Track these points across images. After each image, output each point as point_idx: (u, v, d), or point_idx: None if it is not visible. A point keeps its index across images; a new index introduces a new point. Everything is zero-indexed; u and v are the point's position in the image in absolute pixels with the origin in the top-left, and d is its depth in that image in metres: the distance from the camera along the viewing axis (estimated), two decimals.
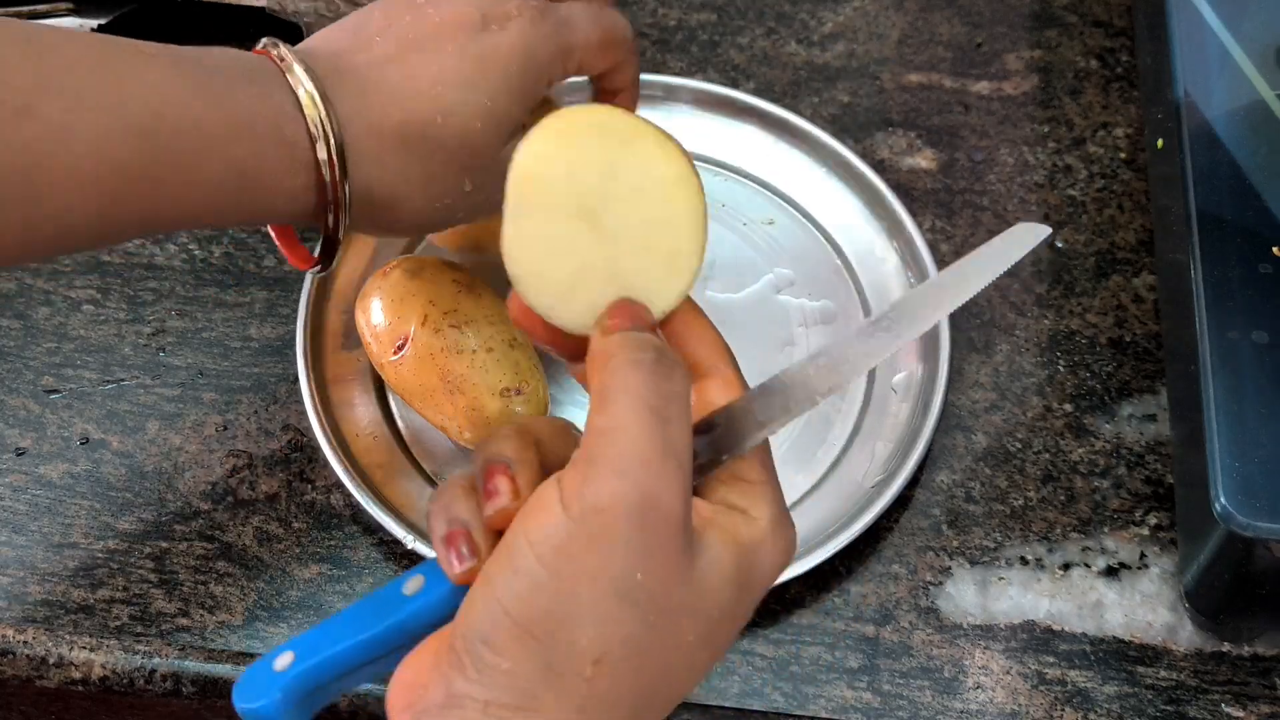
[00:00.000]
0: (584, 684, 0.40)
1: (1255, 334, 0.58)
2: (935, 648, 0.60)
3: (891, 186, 0.71)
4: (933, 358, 0.66)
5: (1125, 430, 0.65)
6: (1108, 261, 0.70)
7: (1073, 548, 0.62)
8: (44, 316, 0.68)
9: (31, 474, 0.64)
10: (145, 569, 0.62)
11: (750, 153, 0.73)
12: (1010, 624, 0.61)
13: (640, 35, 0.78)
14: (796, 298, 0.69)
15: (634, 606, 0.40)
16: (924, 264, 0.68)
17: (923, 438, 0.63)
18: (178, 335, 0.68)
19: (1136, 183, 0.73)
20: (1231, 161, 0.63)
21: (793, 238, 0.71)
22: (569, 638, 0.39)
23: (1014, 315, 0.69)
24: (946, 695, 0.59)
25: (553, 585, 0.39)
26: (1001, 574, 0.62)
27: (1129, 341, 0.68)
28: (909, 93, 0.76)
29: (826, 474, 0.64)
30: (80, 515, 0.63)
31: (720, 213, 0.72)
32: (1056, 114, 0.75)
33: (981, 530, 0.63)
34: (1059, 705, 0.59)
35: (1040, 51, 0.78)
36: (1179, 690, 0.59)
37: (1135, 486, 0.64)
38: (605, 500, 0.40)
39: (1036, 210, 0.72)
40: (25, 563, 0.62)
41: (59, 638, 0.60)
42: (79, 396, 0.66)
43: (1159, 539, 0.63)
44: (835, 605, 0.61)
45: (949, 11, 0.80)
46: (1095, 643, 0.60)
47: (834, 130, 0.74)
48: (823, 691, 0.59)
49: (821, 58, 0.78)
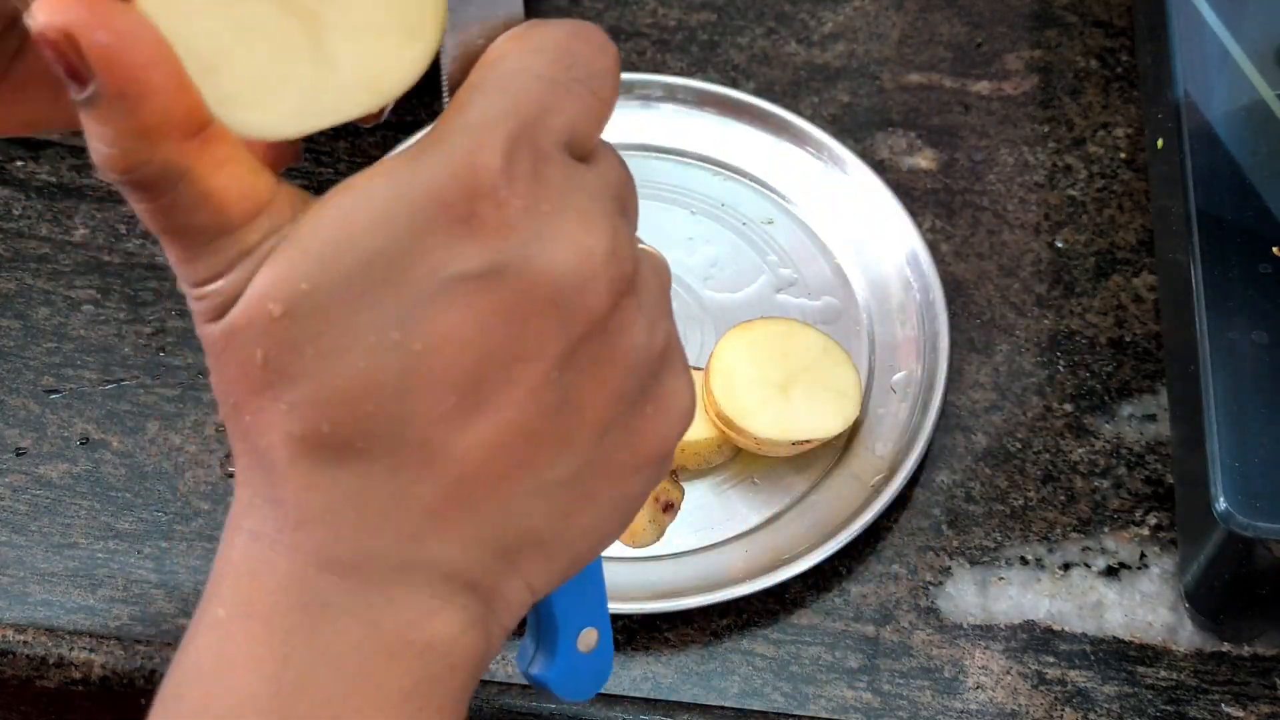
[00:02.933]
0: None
1: (1255, 334, 0.58)
2: (935, 648, 0.60)
3: (891, 186, 0.71)
4: (932, 357, 0.66)
5: (1125, 430, 0.65)
6: (1108, 261, 0.70)
7: (1073, 548, 0.62)
8: (44, 316, 0.68)
9: (31, 474, 0.64)
10: (145, 569, 0.62)
11: (750, 153, 0.73)
12: (1010, 624, 0.61)
13: (640, 35, 0.78)
14: (796, 298, 0.69)
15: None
16: (924, 264, 0.68)
17: (922, 437, 0.63)
18: (178, 335, 0.68)
19: (1136, 183, 0.73)
20: (1231, 161, 0.63)
21: (793, 238, 0.71)
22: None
23: (1014, 315, 0.69)
24: (946, 695, 0.59)
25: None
26: (1001, 574, 0.62)
27: (1129, 341, 0.68)
28: (909, 93, 0.76)
29: (826, 474, 0.64)
30: (80, 515, 0.63)
31: (720, 213, 0.72)
32: (1056, 114, 0.75)
33: (981, 530, 0.63)
34: (1059, 705, 0.59)
35: (1040, 51, 0.78)
36: (1179, 690, 0.59)
37: (1135, 486, 0.64)
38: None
39: (1036, 210, 0.72)
40: (25, 563, 0.62)
41: (59, 638, 0.60)
42: (79, 396, 0.66)
43: (1159, 539, 0.63)
44: (835, 605, 0.61)
45: (949, 11, 0.79)
46: (1095, 643, 0.60)
47: (834, 130, 0.74)
48: (823, 691, 0.59)
49: (821, 58, 0.78)
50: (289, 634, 0.35)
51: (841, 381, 0.63)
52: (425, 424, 0.35)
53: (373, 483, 0.35)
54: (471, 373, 0.35)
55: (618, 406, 0.37)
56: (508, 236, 0.34)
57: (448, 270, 0.34)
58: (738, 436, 0.62)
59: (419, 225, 0.34)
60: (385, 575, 0.35)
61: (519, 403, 0.35)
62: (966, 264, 0.70)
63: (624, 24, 0.78)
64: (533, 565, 0.38)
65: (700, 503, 0.63)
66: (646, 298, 0.38)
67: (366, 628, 0.35)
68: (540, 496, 0.37)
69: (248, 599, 0.35)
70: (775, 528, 0.62)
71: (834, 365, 0.64)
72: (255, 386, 0.35)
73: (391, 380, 0.34)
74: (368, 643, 0.35)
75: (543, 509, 0.37)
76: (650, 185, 0.72)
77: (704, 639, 0.60)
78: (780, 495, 0.63)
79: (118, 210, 0.71)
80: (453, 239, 0.34)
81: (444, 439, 0.35)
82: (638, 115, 0.74)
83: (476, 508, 0.36)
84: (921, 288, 0.68)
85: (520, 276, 0.35)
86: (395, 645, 0.36)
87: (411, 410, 0.34)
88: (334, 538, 0.35)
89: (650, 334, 0.38)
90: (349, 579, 0.35)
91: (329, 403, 0.34)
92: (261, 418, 0.35)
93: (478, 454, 0.35)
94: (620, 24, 0.78)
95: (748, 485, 0.64)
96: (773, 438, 0.62)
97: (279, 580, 0.35)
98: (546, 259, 0.35)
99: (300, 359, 0.34)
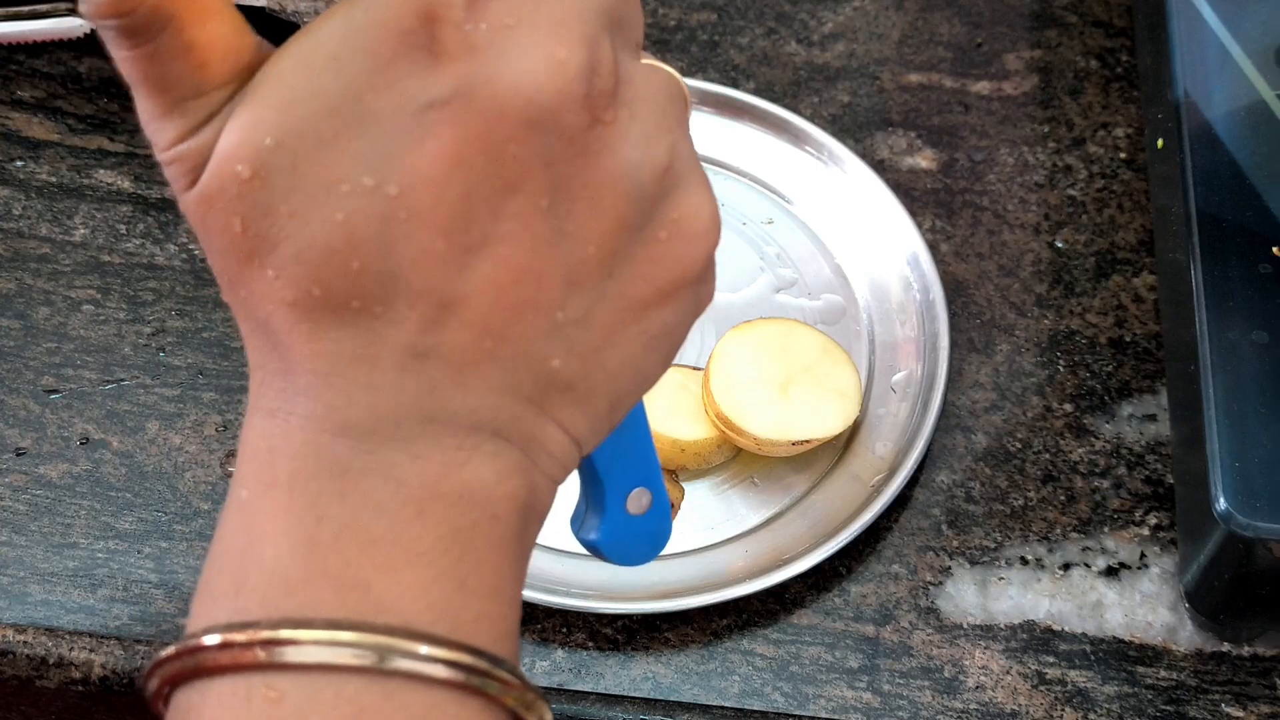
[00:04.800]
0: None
1: (1255, 334, 0.58)
2: (935, 648, 0.60)
3: (891, 186, 0.71)
4: (932, 357, 0.66)
5: (1125, 430, 0.65)
6: (1108, 261, 0.70)
7: (1073, 548, 0.62)
8: (44, 316, 0.68)
9: (31, 474, 0.64)
10: (145, 569, 0.62)
11: (750, 153, 0.73)
12: (1010, 624, 0.61)
13: None
14: (796, 298, 0.69)
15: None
16: (924, 264, 0.68)
17: (922, 437, 0.63)
18: (178, 335, 0.68)
19: (1136, 183, 0.73)
20: (1231, 161, 0.63)
21: (793, 238, 0.71)
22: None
23: (1014, 315, 0.69)
24: (946, 695, 0.59)
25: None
26: (1001, 574, 0.62)
27: (1129, 341, 0.68)
28: (909, 93, 0.76)
29: (826, 474, 0.64)
30: (80, 515, 0.63)
31: (720, 212, 0.71)
32: (1056, 114, 0.75)
33: (981, 530, 0.63)
34: (1059, 705, 0.59)
35: (1040, 51, 0.78)
36: (1179, 690, 0.59)
37: (1135, 486, 0.64)
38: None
39: (1036, 210, 0.72)
40: (25, 563, 0.62)
41: (59, 638, 0.60)
42: (79, 396, 0.66)
43: (1159, 539, 0.63)
44: (835, 605, 0.61)
45: (949, 11, 0.80)
46: (1095, 643, 0.60)
47: (834, 130, 0.74)
48: (823, 691, 0.59)
49: (821, 58, 0.78)
50: (313, 500, 0.34)
51: (841, 381, 0.63)
52: (417, 273, 0.33)
53: (376, 339, 0.33)
54: (456, 211, 0.33)
55: (623, 234, 0.35)
56: (472, 57, 0.33)
57: (415, 101, 0.32)
58: (738, 436, 0.62)
59: (379, 57, 0.32)
60: (405, 432, 0.34)
61: (512, 237, 0.33)
62: (966, 264, 0.70)
63: None
64: (565, 411, 0.36)
65: (700, 503, 0.63)
66: (643, 111, 0.35)
67: (393, 485, 0.34)
68: (556, 338, 0.35)
69: (269, 474, 0.34)
70: (775, 528, 0.63)
71: (834, 365, 0.64)
72: (241, 256, 0.33)
73: (373, 230, 0.33)
74: (394, 501, 0.34)
75: (561, 350, 0.35)
76: None
77: (704, 639, 0.60)
78: (780, 495, 0.63)
79: (118, 210, 0.71)
80: (416, 67, 0.32)
81: (440, 285, 0.33)
82: None
83: (491, 354, 0.34)
84: (921, 288, 0.68)
85: (490, 99, 0.33)
86: (424, 500, 0.34)
87: (400, 260, 0.33)
88: (346, 400, 0.34)
89: (647, 151, 0.35)
90: (367, 440, 0.34)
91: (313, 263, 0.33)
92: (254, 289, 0.34)
93: (479, 298, 0.34)
94: None
95: (748, 485, 0.64)
96: (773, 438, 0.62)
97: (296, 450, 0.34)
98: (514, 76, 0.33)
99: (276, 220, 0.33)
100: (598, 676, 0.59)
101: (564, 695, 0.58)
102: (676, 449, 0.63)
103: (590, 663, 0.59)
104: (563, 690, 0.59)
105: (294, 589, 0.33)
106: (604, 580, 0.60)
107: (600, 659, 0.59)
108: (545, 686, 0.59)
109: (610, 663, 0.59)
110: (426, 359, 0.34)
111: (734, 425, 0.62)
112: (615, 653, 0.60)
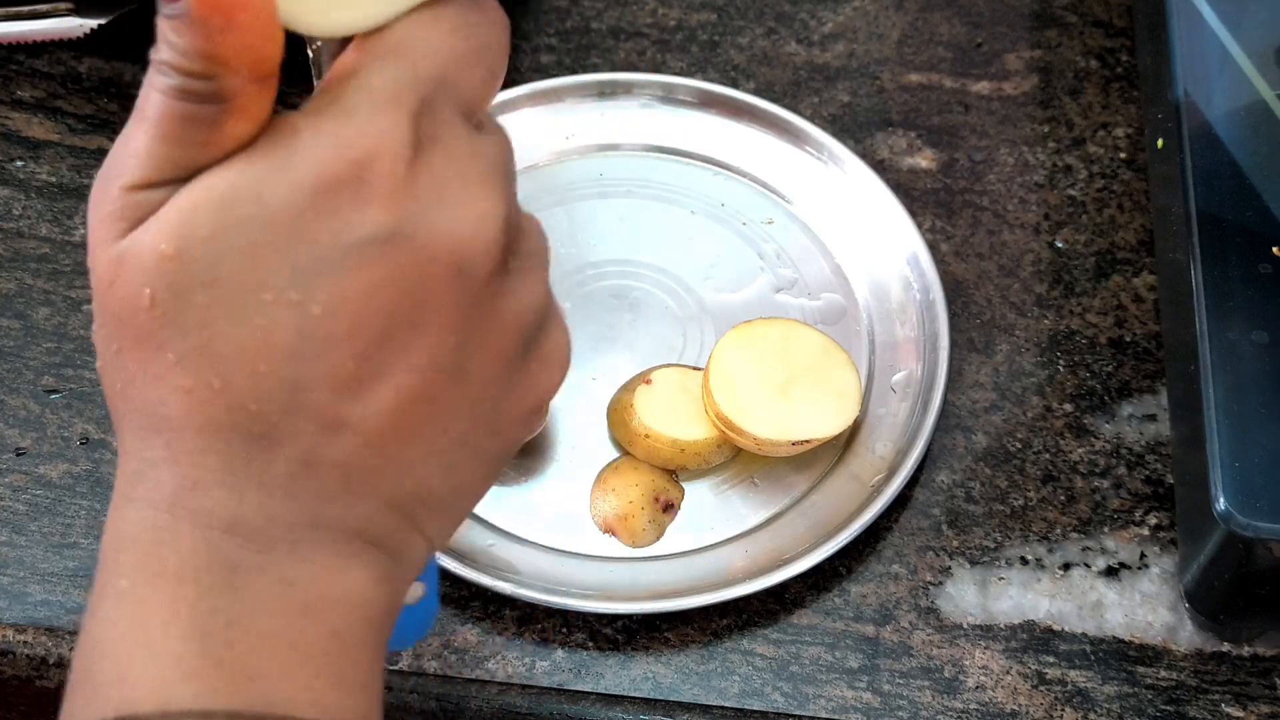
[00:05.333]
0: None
1: (1255, 334, 0.58)
2: (935, 648, 0.60)
3: (891, 186, 0.71)
4: (932, 357, 0.66)
5: (1125, 430, 0.65)
6: (1108, 261, 0.70)
7: (1073, 548, 0.62)
8: (44, 316, 0.68)
9: (31, 474, 0.64)
10: None
11: (750, 153, 0.73)
12: (1010, 624, 0.61)
13: (640, 35, 0.78)
14: (796, 298, 0.69)
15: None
16: (924, 264, 0.68)
17: (922, 437, 0.63)
18: None
19: (1136, 183, 0.73)
20: (1231, 161, 0.63)
21: (793, 238, 0.71)
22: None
23: (1014, 315, 0.69)
24: (946, 695, 0.59)
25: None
26: (1001, 574, 0.62)
27: (1129, 341, 0.68)
28: (909, 93, 0.76)
29: (826, 474, 0.64)
30: (80, 515, 0.63)
31: (720, 212, 0.72)
32: (1056, 114, 0.75)
33: (981, 530, 0.63)
34: (1059, 705, 0.59)
35: (1040, 51, 0.78)
36: (1179, 690, 0.59)
37: (1135, 486, 0.64)
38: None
39: (1036, 210, 0.72)
40: (25, 563, 0.62)
41: (59, 638, 0.60)
42: (79, 396, 0.66)
43: (1159, 539, 0.63)
44: (835, 605, 0.61)
45: (949, 11, 0.80)
46: (1095, 643, 0.60)
47: (834, 130, 0.74)
48: (823, 691, 0.59)
49: (821, 58, 0.78)
50: (205, 593, 0.34)
51: (841, 381, 0.63)
52: (322, 388, 0.34)
53: (271, 444, 0.34)
54: (372, 340, 0.34)
55: (509, 368, 0.38)
56: (410, 203, 0.34)
57: (351, 234, 0.34)
58: (738, 436, 0.62)
59: (323, 189, 0.34)
60: (294, 535, 0.35)
61: (418, 369, 0.35)
62: (966, 264, 0.70)
63: (624, 24, 0.78)
64: (434, 523, 0.38)
65: (700, 503, 0.63)
66: (531, 260, 0.38)
67: (280, 586, 0.35)
68: (439, 459, 0.37)
69: (155, 565, 0.35)
70: (775, 528, 0.63)
71: (834, 365, 0.64)
72: (142, 331, 0.34)
73: (288, 341, 0.34)
74: (282, 600, 0.35)
75: (439, 468, 0.37)
76: (650, 185, 0.72)
77: (704, 639, 0.60)
78: (780, 495, 0.63)
79: None
80: (357, 202, 0.34)
81: (341, 403, 0.35)
82: (638, 115, 0.74)
83: (379, 470, 0.36)
84: (921, 288, 0.68)
85: (425, 244, 0.34)
86: (310, 601, 0.35)
87: (309, 374, 0.34)
88: (237, 500, 0.35)
89: (534, 293, 0.38)
90: (256, 540, 0.35)
91: (220, 357, 0.34)
92: (149, 369, 0.34)
93: (376, 420, 0.35)
94: (620, 24, 0.78)
95: (748, 485, 0.64)
96: (773, 438, 0.62)
97: (184, 544, 0.35)
98: (449, 225, 0.35)
99: (189, 307, 0.33)
100: (598, 676, 0.59)
101: (564, 695, 0.58)
102: (676, 449, 0.63)
103: (590, 663, 0.59)
104: (563, 690, 0.59)
105: (189, 676, 0.34)
106: (604, 580, 0.60)
107: (600, 659, 0.59)
108: (545, 686, 0.59)
109: (610, 663, 0.59)
110: (318, 469, 0.35)
111: (734, 425, 0.62)
112: (615, 653, 0.60)
